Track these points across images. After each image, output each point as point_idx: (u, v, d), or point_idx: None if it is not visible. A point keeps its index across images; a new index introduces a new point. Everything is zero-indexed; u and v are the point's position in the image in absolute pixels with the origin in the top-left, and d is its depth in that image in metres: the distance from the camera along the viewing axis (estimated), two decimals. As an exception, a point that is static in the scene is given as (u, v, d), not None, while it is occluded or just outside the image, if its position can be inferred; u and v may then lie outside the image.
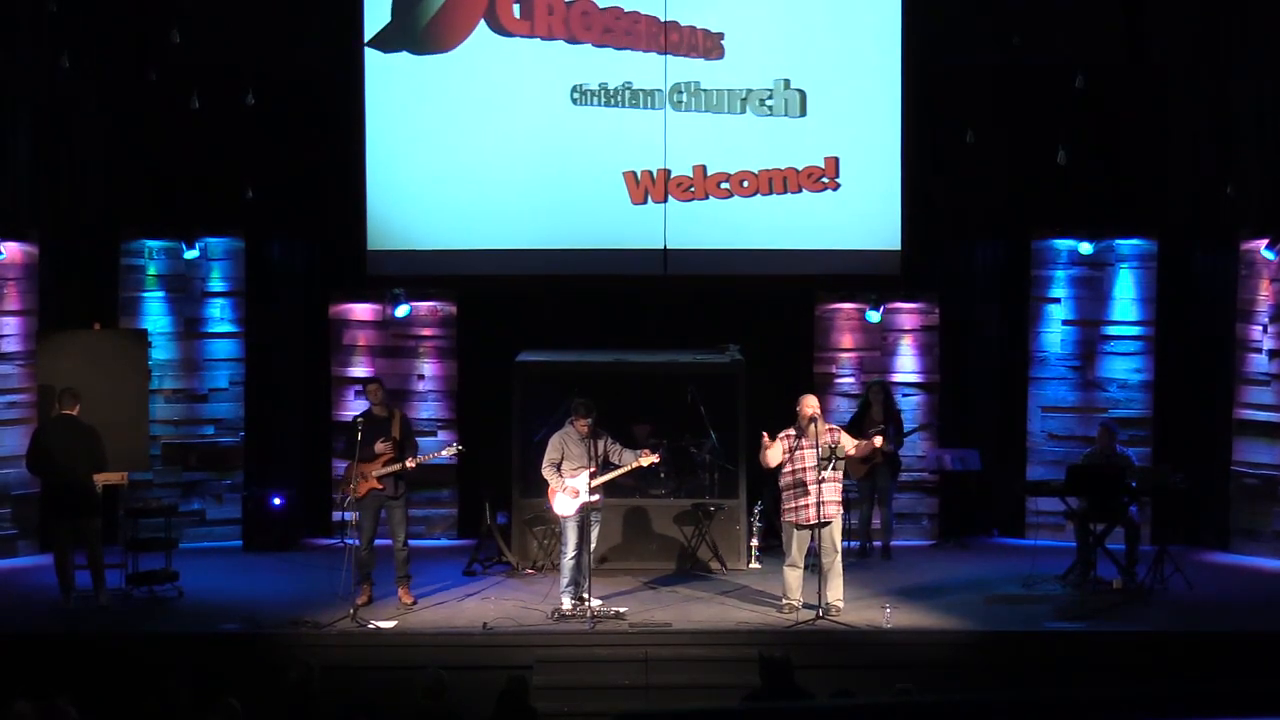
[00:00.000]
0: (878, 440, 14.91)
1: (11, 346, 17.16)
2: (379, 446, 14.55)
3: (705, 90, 17.85)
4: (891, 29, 17.87)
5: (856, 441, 14.49)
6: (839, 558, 14.25)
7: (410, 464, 14.57)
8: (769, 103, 17.85)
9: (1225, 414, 17.70)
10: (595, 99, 17.84)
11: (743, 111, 17.85)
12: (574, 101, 17.86)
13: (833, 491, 14.18)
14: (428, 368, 18.46)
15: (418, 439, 15.46)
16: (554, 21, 17.82)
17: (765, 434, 14.28)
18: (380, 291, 18.29)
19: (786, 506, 14.22)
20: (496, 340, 17.83)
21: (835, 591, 14.17)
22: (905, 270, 18.06)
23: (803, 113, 17.85)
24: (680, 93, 17.79)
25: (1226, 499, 17.60)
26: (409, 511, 15.18)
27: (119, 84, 17.66)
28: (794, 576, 14.23)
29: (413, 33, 17.89)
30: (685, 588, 15.65)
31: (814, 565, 14.39)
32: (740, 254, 18.00)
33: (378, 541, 14.80)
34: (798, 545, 14.16)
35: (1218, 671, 12.98)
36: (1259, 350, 17.45)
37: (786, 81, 17.83)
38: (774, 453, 14.17)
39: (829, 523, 14.14)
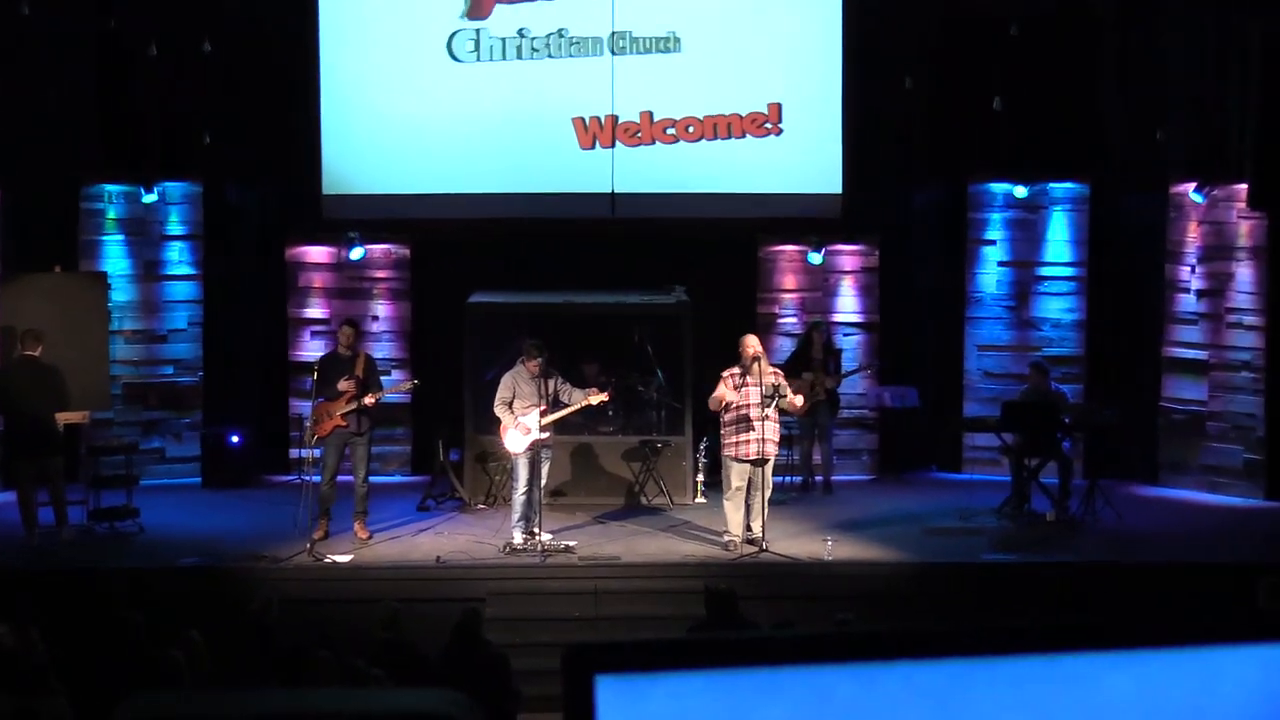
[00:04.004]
0: (799, 400, 14.68)
1: (-26, 289, 17.02)
2: (342, 385, 14.46)
3: (644, 36, 17.77)
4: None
5: (797, 401, 14.40)
6: (768, 493, 14.26)
7: (369, 400, 14.50)
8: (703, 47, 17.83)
9: (1154, 352, 17.76)
10: (543, 46, 17.74)
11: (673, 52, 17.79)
12: (522, 48, 17.75)
13: (773, 430, 14.19)
14: (382, 309, 18.39)
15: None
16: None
17: (725, 382, 14.16)
18: (335, 235, 18.16)
19: (728, 441, 14.17)
20: (449, 282, 17.73)
21: (759, 524, 14.15)
22: (846, 213, 18.04)
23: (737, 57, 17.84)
24: (622, 39, 17.71)
25: (1155, 434, 17.68)
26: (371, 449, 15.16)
27: (78, 31, 17.48)
28: (734, 511, 14.23)
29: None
30: (633, 522, 15.66)
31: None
32: (686, 197, 17.94)
33: (337, 478, 14.76)
34: (738, 479, 14.15)
35: (1147, 601, 13.06)
36: (1187, 290, 17.51)
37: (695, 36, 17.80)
38: (717, 393, 14.15)
39: (768, 459, 14.16)
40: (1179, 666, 2.30)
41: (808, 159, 18.00)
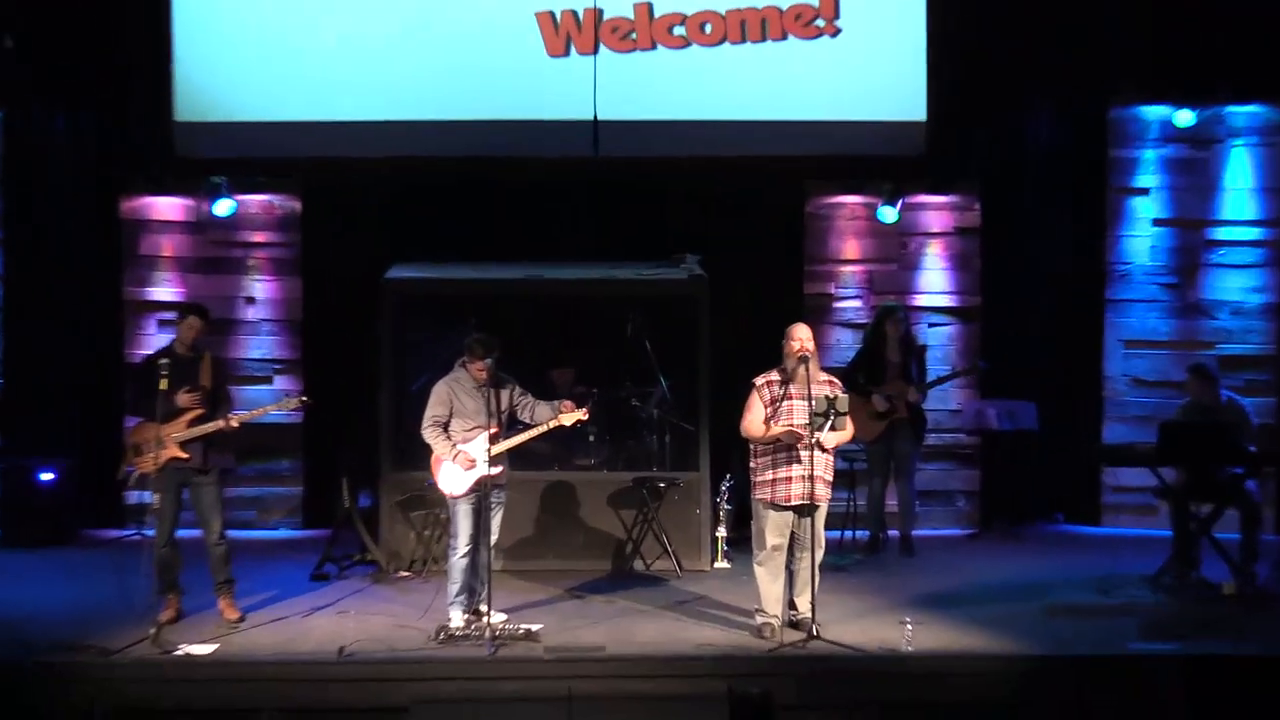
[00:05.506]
0: (845, 432, 14.41)
1: None
2: (182, 398, 14.24)
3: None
4: None
5: (830, 439, 14.14)
6: (820, 554, 14.13)
7: (232, 423, 14.31)
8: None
9: (1379, 350, 17.80)
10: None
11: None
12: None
13: (826, 464, 14.02)
14: (260, 288, 18.37)
15: (242, 389, 15.28)
16: None
17: (759, 394, 14.03)
18: (193, 181, 18.14)
19: (762, 480, 14.01)
20: (356, 249, 17.71)
21: (806, 599, 14.05)
22: (932, 150, 18.02)
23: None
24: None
25: (1382, 470, 17.63)
26: (224, 492, 14.94)
27: None
28: (771, 580, 14.11)
29: None
30: (624, 596, 15.57)
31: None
32: (701, 128, 17.93)
33: (185, 533, 14.62)
34: (776, 534, 14.02)
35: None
36: None
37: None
38: (758, 411, 14.01)
39: (818, 506, 14.01)
40: None
41: (876, 72, 18.00)
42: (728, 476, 16.61)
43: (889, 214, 18.22)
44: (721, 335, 16.66)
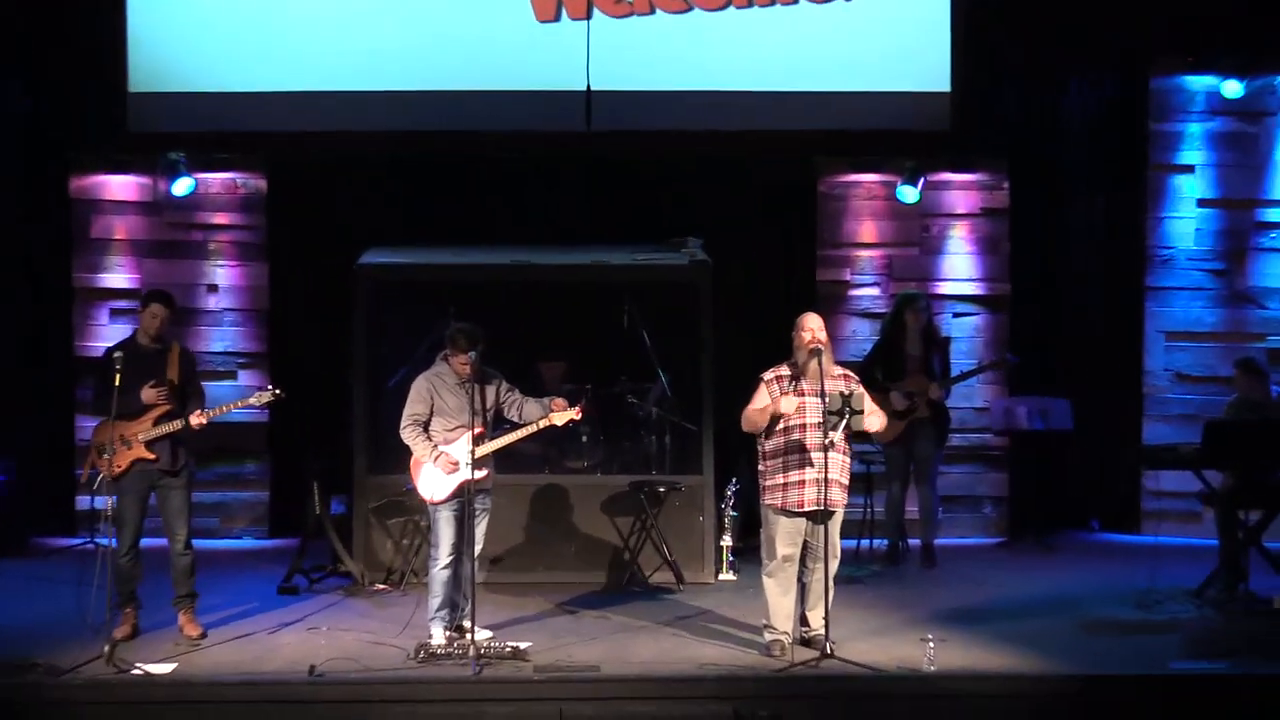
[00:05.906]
0: (877, 421, 14.39)
1: None
2: (147, 394, 14.24)
3: None
4: None
5: (873, 423, 14.14)
6: (835, 565, 14.10)
7: (199, 420, 14.32)
8: None
9: None
10: None
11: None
12: None
13: (841, 467, 13.99)
14: (223, 274, 18.36)
15: (206, 385, 15.25)
16: None
17: (767, 389, 14.03)
18: (149, 157, 18.14)
19: (771, 483, 13.98)
20: (329, 232, 17.72)
21: (819, 614, 14.02)
22: (957, 124, 18.01)
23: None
24: None
25: None
26: (193, 496, 14.97)
27: None
28: (781, 594, 14.10)
29: None
30: (621, 611, 15.56)
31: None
32: (703, 99, 17.96)
33: (146, 541, 14.62)
34: (786, 544, 13.99)
35: None
36: None
37: None
38: (762, 401, 13.99)
39: (833, 512, 14.00)
40: None
41: (895, 38, 18.03)
42: (734, 480, 16.61)
43: (909, 193, 18.22)
44: (726, 326, 16.68)
